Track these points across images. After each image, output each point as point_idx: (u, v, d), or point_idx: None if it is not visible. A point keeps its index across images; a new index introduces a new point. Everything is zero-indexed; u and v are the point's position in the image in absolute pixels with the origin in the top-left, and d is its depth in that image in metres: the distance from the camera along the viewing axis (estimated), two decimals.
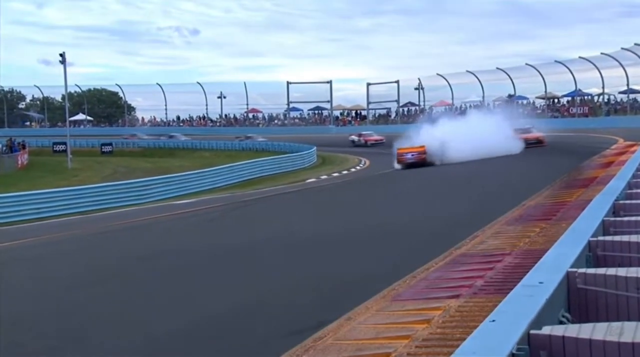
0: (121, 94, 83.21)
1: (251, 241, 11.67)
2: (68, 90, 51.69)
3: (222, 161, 41.81)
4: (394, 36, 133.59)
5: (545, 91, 63.09)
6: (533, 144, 31.90)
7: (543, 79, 61.87)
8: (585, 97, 61.92)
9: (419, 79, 71.36)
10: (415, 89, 71.31)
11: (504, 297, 2.80)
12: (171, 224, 16.29)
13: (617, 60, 54.36)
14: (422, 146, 28.24)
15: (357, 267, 8.35)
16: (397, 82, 72.34)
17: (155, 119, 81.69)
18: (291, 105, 76.16)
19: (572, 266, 3.15)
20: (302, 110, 77.94)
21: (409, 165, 27.74)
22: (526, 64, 62.63)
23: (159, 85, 77.90)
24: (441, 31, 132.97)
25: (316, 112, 77.53)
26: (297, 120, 76.92)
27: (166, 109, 79.41)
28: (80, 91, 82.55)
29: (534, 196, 13.45)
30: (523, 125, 34.23)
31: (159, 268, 9.57)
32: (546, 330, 2.42)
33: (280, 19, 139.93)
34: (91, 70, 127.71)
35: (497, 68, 64.88)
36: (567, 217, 9.25)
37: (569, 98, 62.78)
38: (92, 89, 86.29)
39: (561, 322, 2.78)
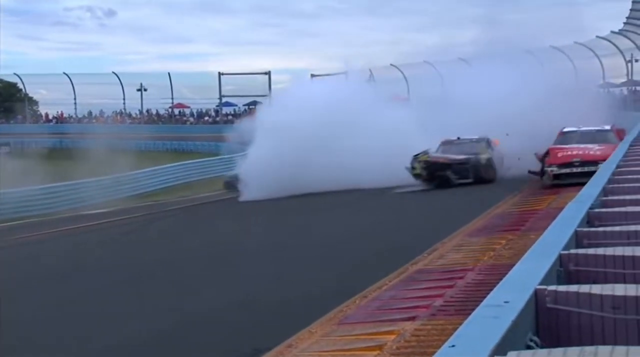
0: (21, 85, 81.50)
1: (175, 255, 11.57)
2: None
3: (144, 165, 41.32)
4: (342, 21, 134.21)
5: None
6: None
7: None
8: None
9: (369, 69, 71.87)
10: (366, 81, 71.82)
11: (465, 319, 2.83)
12: (84, 238, 16.02)
13: (591, 50, 55.40)
14: None
15: (299, 286, 8.32)
16: (345, 73, 72.70)
17: (62, 114, 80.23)
18: (224, 99, 75.75)
19: (541, 283, 3.20)
20: (236, 105, 77.60)
21: None
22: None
23: (67, 75, 76.54)
24: (395, 15, 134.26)
25: (253, 107, 77.36)
26: (230, 117, 76.59)
27: (75, 103, 78.02)
28: None
29: (500, 203, 13.67)
30: None
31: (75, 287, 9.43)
32: (512, 356, 2.45)
33: None
34: None
35: (459, 58, 65.74)
36: (537, 227, 9.42)
37: None
38: None
39: (529, 347, 2.82)
